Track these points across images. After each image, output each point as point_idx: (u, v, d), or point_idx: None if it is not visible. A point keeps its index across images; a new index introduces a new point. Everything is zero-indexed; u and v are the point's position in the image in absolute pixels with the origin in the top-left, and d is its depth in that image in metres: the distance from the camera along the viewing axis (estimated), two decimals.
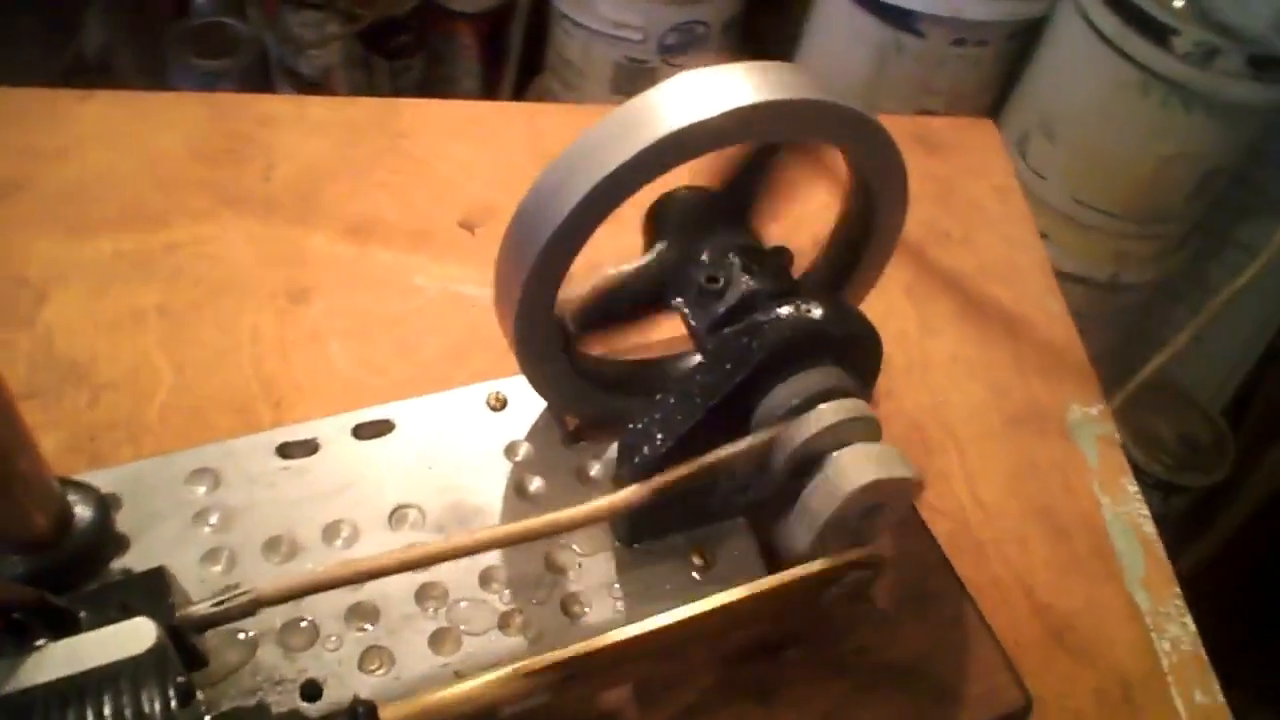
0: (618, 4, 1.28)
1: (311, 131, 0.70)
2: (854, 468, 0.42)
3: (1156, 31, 1.04)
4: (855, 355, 0.46)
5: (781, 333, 0.44)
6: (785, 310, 0.44)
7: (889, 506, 0.45)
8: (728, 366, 0.44)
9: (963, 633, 0.51)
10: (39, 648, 0.36)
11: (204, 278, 0.62)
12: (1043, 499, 0.59)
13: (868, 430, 0.44)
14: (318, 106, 0.72)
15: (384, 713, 0.38)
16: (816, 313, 0.44)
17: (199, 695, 0.37)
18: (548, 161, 0.46)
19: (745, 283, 0.47)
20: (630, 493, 0.44)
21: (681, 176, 0.48)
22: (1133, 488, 0.60)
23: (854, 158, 0.49)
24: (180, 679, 0.36)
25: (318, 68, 1.28)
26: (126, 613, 0.38)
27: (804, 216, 0.52)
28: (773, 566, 0.48)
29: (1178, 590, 0.56)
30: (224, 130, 0.69)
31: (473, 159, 0.70)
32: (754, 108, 0.42)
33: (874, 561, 0.44)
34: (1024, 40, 1.20)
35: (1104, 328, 1.19)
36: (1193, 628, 0.55)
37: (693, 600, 0.44)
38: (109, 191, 0.65)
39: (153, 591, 0.39)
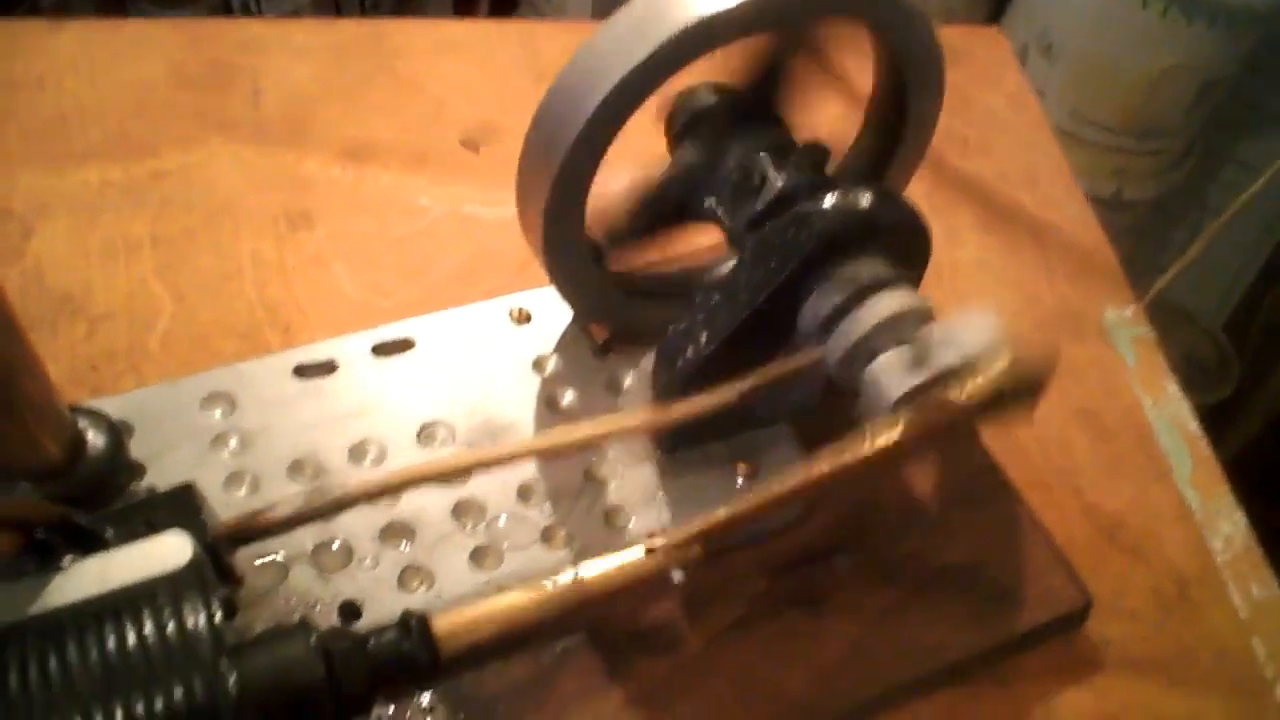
0: None
1: (297, 55, 0.67)
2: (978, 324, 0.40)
3: None
4: (903, 245, 0.43)
5: (830, 222, 0.41)
6: (831, 199, 0.42)
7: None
8: (773, 263, 0.42)
9: (1015, 534, 0.50)
10: (66, 567, 0.33)
11: (197, 204, 0.59)
12: (1083, 400, 0.57)
13: (926, 321, 0.42)
14: (300, 30, 0.69)
15: (436, 623, 0.36)
16: (864, 200, 0.42)
17: None
18: (547, 82, 0.43)
19: (781, 178, 0.45)
20: (678, 409, 0.41)
21: (697, 75, 0.45)
22: (1173, 387, 0.59)
23: (884, 41, 0.47)
24: (223, 592, 0.33)
25: (285, 7, 1.24)
26: (154, 531, 0.35)
27: (829, 118, 0.50)
28: None
29: (1227, 487, 0.55)
30: (205, 57, 0.66)
31: (468, 79, 0.67)
32: None
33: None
34: None
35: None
36: (1244, 523, 0.53)
37: None
38: (90, 122, 0.62)
39: (183, 508, 0.37)
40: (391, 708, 0.41)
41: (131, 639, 0.32)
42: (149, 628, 0.32)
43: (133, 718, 0.31)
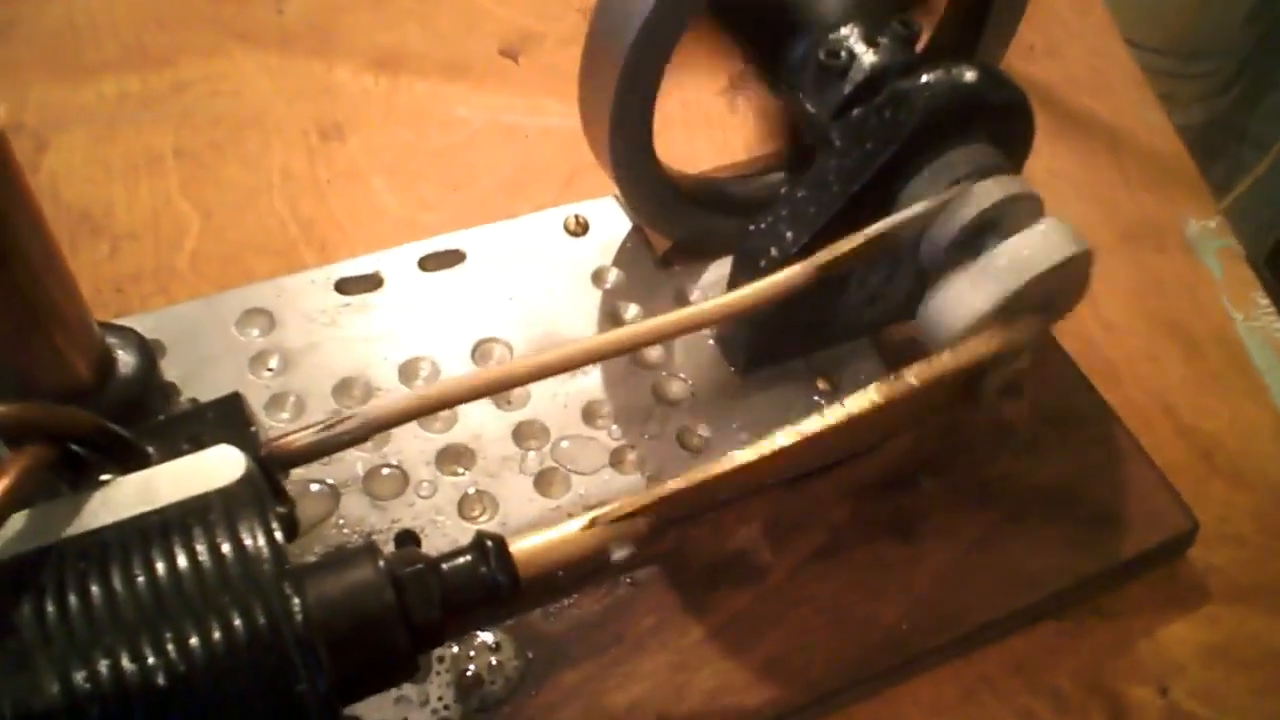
0: None
1: None
2: (1058, 235, 0.36)
3: None
4: (1009, 129, 0.40)
5: (935, 100, 0.37)
6: (934, 76, 0.38)
7: (1055, 306, 0.40)
8: (869, 146, 0.38)
9: (1112, 454, 0.46)
10: (105, 483, 0.30)
11: (222, 117, 0.55)
12: (1170, 315, 0.53)
13: (1033, 212, 0.38)
14: None
15: (512, 546, 0.33)
16: (970, 76, 0.38)
17: None
18: None
19: (871, 57, 0.41)
20: (792, 273, 0.37)
21: None
22: (1264, 301, 0.55)
23: None
24: (281, 510, 0.30)
25: None
26: (201, 446, 0.32)
27: None
28: None
29: None
30: None
31: None
32: None
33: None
34: None
35: None
36: None
37: None
38: (104, 32, 0.58)
39: (230, 421, 0.33)
40: (455, 647, 0.38)
41: (182, 560, 0.28)
42: (202, 548, 0.28)
43: (186, 649, 0.27)
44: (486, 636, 0.38)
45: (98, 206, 0.50)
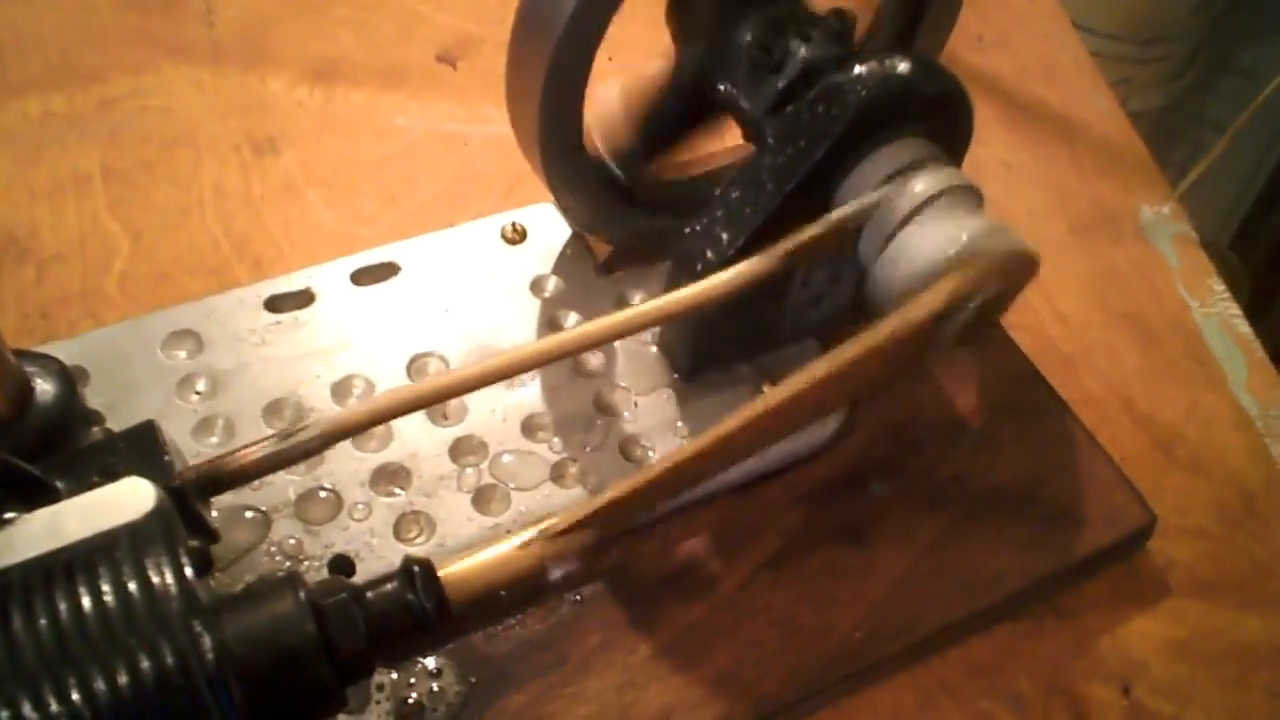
0: None
1: None
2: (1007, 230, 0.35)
3: None
4: (946, 121, 0.39)
5: (868, 92, 0.36)
6: (866, 68, 0.37)
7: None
8: (802, 143, 0.37)
9: (1068, 450, 0.45)
10: (9, 521, 0.29)
11: (151, 134, 0.53)
12: (1126, 305, 0.53)
13: (972, 204, 0.38)
14: None
15: (441, 571, 0.31)
16: (903, 68, 0.37)
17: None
18: None
19: (804, 51, 0.40)
20: (747, 266, 0.36)
21: None
22: (1220, 287, 0.54)
23: None
24: (193, 543, 0.28)
25: None
26: (112, 478, 0.30)
27: None
28: None
29: None
30: None
31: None
32: None
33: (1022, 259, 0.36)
34: None
35: None
36: None
37: None
38: (29, 49, 0.56)
39: (143, 450, 0.32)
40: (394, 674, 0.36)
41: (87, 601, 0.27)
42: (107, 586, 0.27)
43: (92, 694, 0.26)
44: (427, 662, 0.37)
45: (23, 229, 0.49)
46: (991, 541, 0.42)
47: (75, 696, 0.26)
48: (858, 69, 0.37)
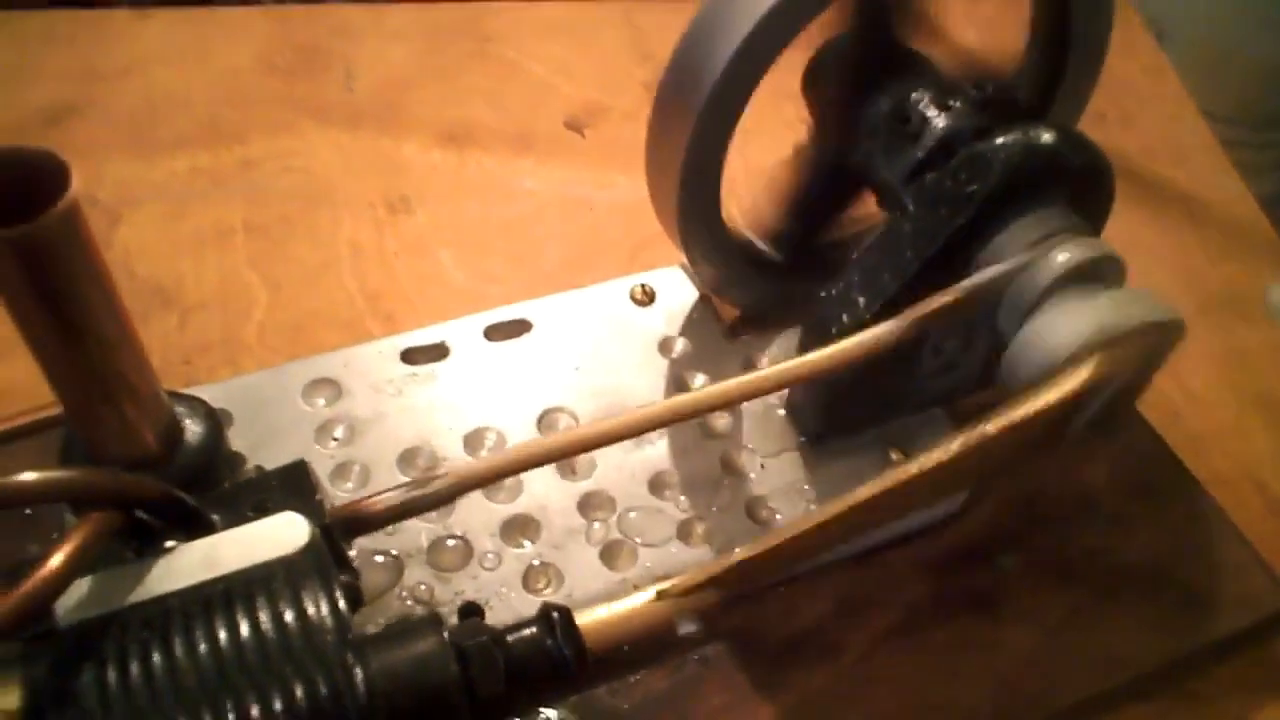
0: None
1: (391, 39, 0.64)
2: (1154, 300, 0.35)
3: None
4: (1088, 192, 0.39)
5: (1011, 161, 0.37)
6: (1010, 138, 0.37)
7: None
8: (943, 210, 0.37)
9: (1202, 530, 0.44)
10: (170, 550, 0.29)
11: (291, 192, 0.55)
12: (1258, 386, 0.52)
13: (1116, 275, 0.37)
14: (395, 14, 0.66)
15: (579, 619, 0.32)
16: (1048, 138, 0.37)
17: None
18: (652, 61, 0.39)
19: (943, 121, 0.40)
20: (865, 338, 0.36)
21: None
22: None
23: None
24: (344, 578, 0.29)
25: None
26: (265, 513, 0.31)
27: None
28: None
29: None
30: (296, 43, 0.63)
31: (569, 60, 0.64)
32: None
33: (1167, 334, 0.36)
34: None
35: None
36: None
37: None
38: (178, 110, 0.59)
39: (295, 488, 0.32)
40: None
41: (245, 629, 0.28)
42: (265, 616, 0.28)
43: (248, 718, 0.26)
44: (550, 714, 0.37)
45: (169, 279, 0.51)
46: (1122, 621, 0.41)
47: None
48: (1001, 138, 0.37)
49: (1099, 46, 0.44)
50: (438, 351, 0.45)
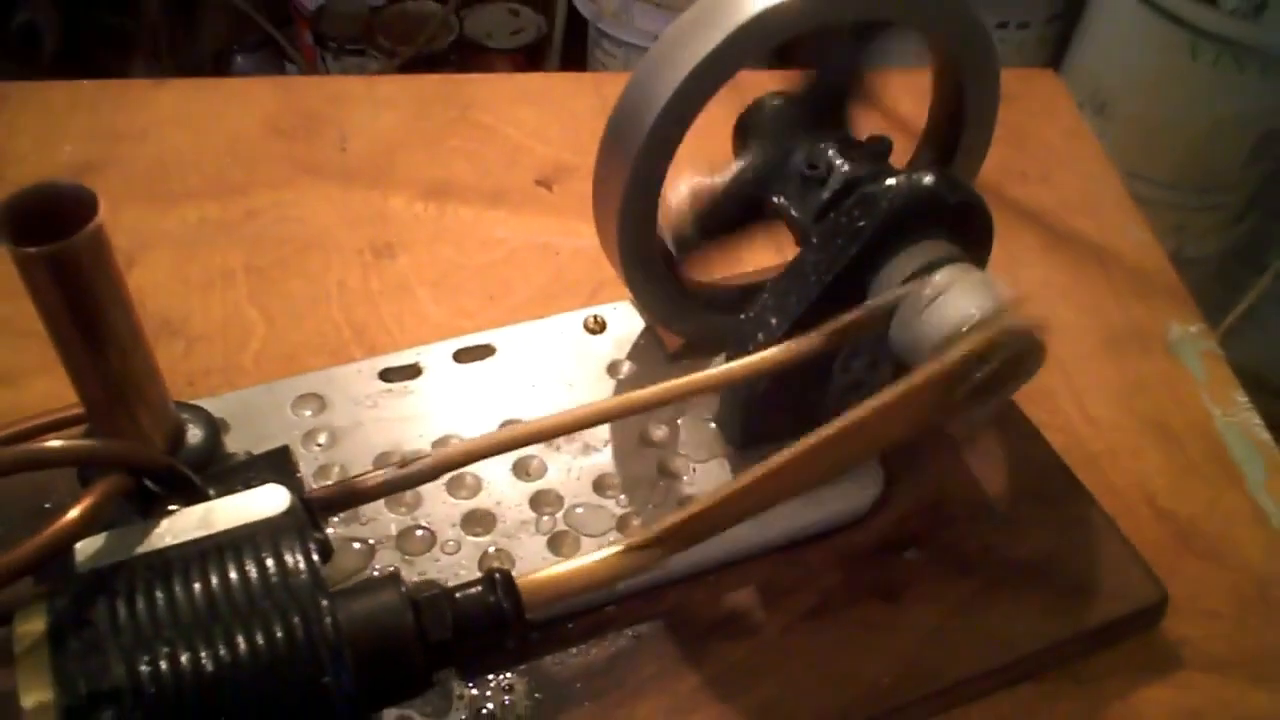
0: (656, 15, 1.29)
1: (382, 106, 0.71)
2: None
3: None
4: (967, 227, 0.45)
5: (895, 200, 0.43)
6: (896, 180, 0.44)
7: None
8: (839, 242, 0.44)
9: (1088, 531, 0.50)
10: (171, 512, 0.35)
11: (288, 238, 0.62)
12: (1153, 412, 0.57)
13: (988, 294, 0.43)
14: (387, 84, 0.73)
15: (519, 581, 0.37)
16: (928, 180, 0.44)
17: None
18: None
19: (846, 168, 0.46)
20: (759, 358, 0.43)
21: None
22: (1243, 399, 0.59)
23: (936, 39, 0.49)
24: (319, 536, 0.35)
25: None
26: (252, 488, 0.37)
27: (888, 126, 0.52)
28: None
29: None
30: (297, 109, 0.70)
31: (542, 125, 0.71)
32: None
33: (1028, 335, 0.41)
34: (1064, 24, 1.20)
35: None
36: None
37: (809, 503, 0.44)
38: (189, 167, 0.66)
39: (278, 468, 0.38)
40: (473, 688, 0.42)
41: (233, 574, 0.33)
42: (249, 564, 0.34)
43: (233, 645, 0.32)
44: (502, 678, 0.42)
45: (176, 314, 0.57)
46: (1012, 608, 0.47)
47: (220, 646, 0.32)
48: (889, 181, 0.44)
49: (986, 122, 0.51)
50: (412, 371, 0.51)
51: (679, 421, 0.50)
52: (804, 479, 0.41)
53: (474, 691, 0.42)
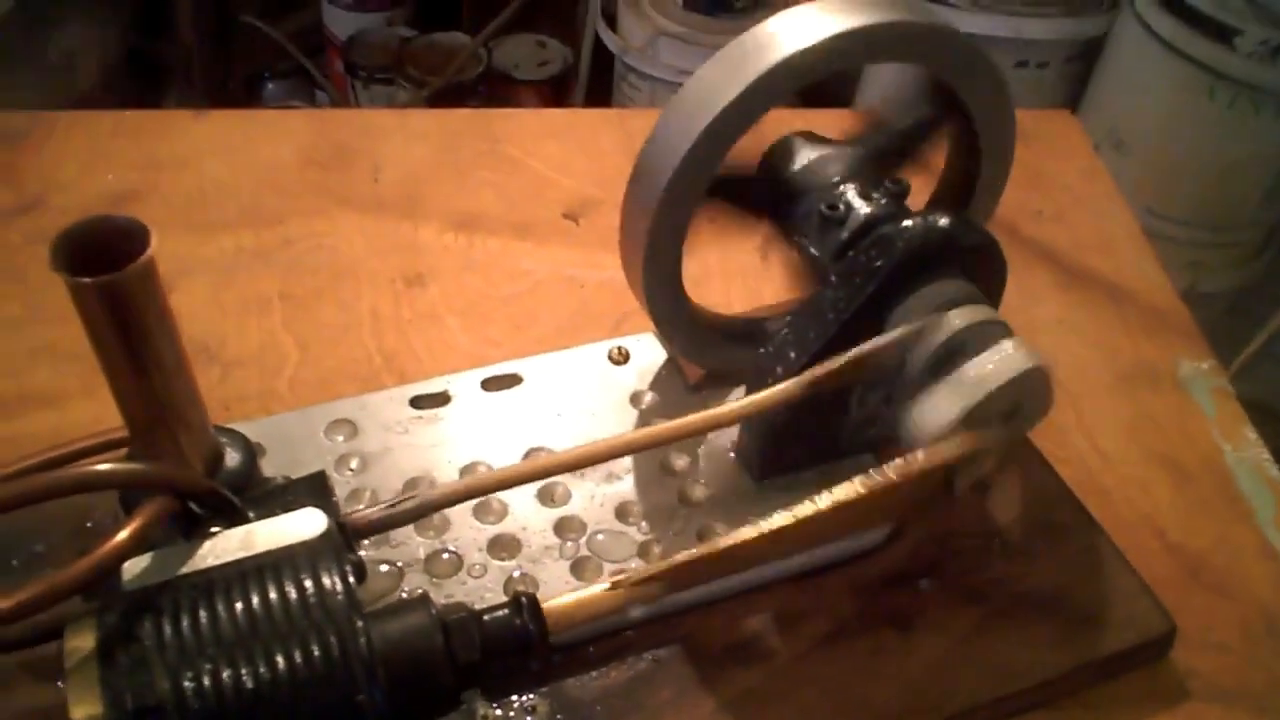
0: (682, 50, 1.32)
1: (413, 139, 0.73)
2: (1018, 353, 0.42)
3: (1218, 32, 1.05)
4: (982, 268, 0.46)
5: (911, 241, 0.45)
6: (912, 222, 0.45)
7: (1023, 416, 0.46)
8: (858, 280, 0.45)
9: (1097, 563, 0.51)
10: (213, 534, 0.37)
11: (322, 267, 0.64)
12: (1162, 447, 0.59)
13: (1001, 336, 0.45)
14: (418, 118, 0.75)
15: (544, 605, 0.39)
16: (943, 222, 0.45)
17: None
18: None
19: (865, 209, 0.48)
20: (778, 390, 0.44)
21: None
22: (1253, 435, 0.60)
23: (951, 83, 0.50)
24: (354, 558, 0.36)
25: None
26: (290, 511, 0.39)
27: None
28: None
29: None
30: (331, 141, 0.72)
31: (569, 159, 0.72)
32: (852, 33, 0.44)
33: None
34: (1083, 64, 1.22)
35: None
36: None
37: None
38: (227, 197, 0.68)
39: (316, 493, 0.40)
40: (498, 709, 0.43)
41: (273, 595, 0.35)
42: (289, 586, 0.35)
43: (272, 661, 0.34)
44: (525, 699, 0.44)
45: (213, 340, 0.59)
46: (1022, 637, 0.48)
47: (260, 662, 0.34)
48: (905, 222, 0.45)
49: (1001, 168, 0.52)
50: (441, 398, 0.52)
51: (699, 451, 0.51)
52: (810, 538, 0.43)
53: (498, 712, 0.43)
